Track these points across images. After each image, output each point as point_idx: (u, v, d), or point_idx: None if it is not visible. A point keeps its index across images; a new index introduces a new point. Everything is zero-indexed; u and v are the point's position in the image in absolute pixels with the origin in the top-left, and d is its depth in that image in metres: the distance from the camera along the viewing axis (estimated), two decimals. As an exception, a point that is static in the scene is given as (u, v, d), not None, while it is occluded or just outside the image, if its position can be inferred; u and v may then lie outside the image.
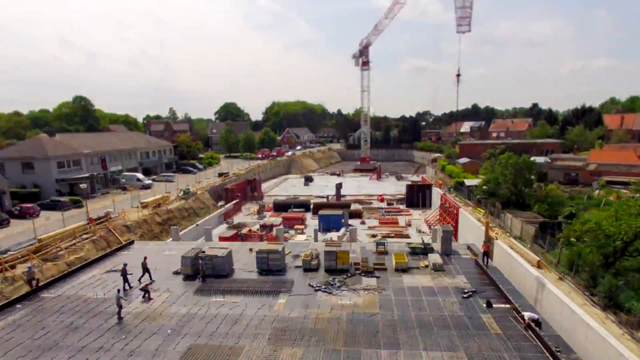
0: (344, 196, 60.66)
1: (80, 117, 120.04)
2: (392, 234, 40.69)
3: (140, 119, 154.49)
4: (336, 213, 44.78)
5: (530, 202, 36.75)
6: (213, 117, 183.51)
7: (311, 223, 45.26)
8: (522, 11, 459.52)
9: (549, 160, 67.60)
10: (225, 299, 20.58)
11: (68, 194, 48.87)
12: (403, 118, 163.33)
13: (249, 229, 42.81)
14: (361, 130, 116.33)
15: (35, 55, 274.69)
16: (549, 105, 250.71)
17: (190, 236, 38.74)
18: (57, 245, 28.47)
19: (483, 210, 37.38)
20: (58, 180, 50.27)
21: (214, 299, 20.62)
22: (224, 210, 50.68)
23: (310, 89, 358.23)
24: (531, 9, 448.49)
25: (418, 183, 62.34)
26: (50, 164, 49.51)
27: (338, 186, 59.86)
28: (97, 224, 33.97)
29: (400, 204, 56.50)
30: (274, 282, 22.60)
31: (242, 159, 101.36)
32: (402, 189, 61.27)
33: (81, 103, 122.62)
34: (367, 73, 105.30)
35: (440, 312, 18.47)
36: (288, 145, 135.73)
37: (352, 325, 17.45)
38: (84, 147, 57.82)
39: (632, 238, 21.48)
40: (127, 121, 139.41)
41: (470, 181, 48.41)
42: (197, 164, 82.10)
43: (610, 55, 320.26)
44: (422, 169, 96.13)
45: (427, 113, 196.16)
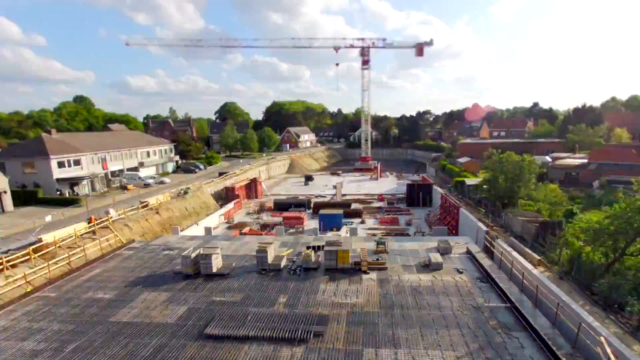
0: (344, 195, 60.70)
1: (80, 117, 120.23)
2: (393, 234, 40.67)
3: (140, 119, 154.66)
4: (336, 212, 44.78)
5: (530, 202, 36.81)
6: (213, 117, 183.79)
7: (311, 223, 45.26)
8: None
9: (550, 159, 67.60)
10: (224, 298, 20.60)
11: (68, 194, 48.95)
12: (403, 117, 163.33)
13: (250, 228, 42.87)
14: (361, 129, 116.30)
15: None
16: (549, 104, 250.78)
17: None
18: (58, 244, 28.50)
19: (483, 209, 37.42)
20: (58, 179, 50.37)
21: (214, 298, 20.64)
22: (225, 209, 50.70)
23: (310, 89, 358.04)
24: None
25: (418, 182, 62.34)
26: (50, 164, 49.58)
27: (338, 186, 59.88)
28: (98, 224, 33.98)
29: (400, 204, 56.54)
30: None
31: (242, 158, 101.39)
32: (403, 189, 61.30)
33: (81, 103, 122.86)
34: (368, 72, 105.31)
35: (440, 311, 18.48)
36: (288, 144, 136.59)
37: (352, 324, 17.46)
38: (85, 147, 57.91)
39: (633, 237, 21.52)
40: (128, 120, 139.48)
41: (470, 180, 48.50)
42: (197, 164, 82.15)
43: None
44: (423, 169, 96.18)
45: (427, 112, 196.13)
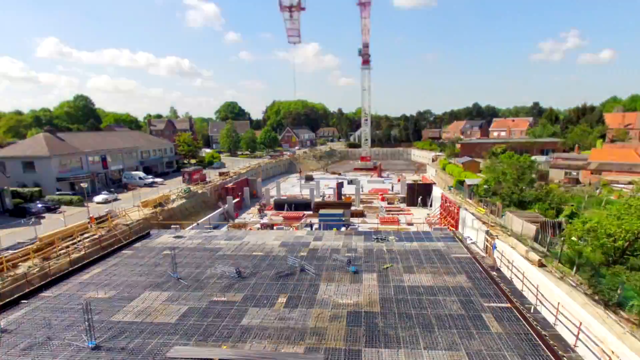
0: (345, 195, 60.61)
1: (81, 116, 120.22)
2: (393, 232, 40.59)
3: (140, 118, 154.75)
4: (337, 212, 44.74)
5: (531, 201, 36.77)
6: (214, 116, 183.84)
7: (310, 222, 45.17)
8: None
9: (550, 159, 67.56)
10: (226, 298, 20.61)
11: (69, 193, 48.91)
12: (404, 117, 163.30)
13: (250, 228, 42.87)
14: (362, 129, 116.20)
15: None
16: (550, 104, 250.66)
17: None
18: (58, 243, 28.51)
19: (484, 209, 37.39)
20: (59, 179, 50.38)
21: (215, 298, 20.65)
22: (225, 209, 50.67)
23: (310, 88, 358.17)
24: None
25: (419, 182, 62.29)
26: (51, 163, 49.59)
27: (339, 185, 59.80)
28: (98, 223, 34.00)
29: (400, 203, 56.50)
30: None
31: (243, 158, 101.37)
32: (403, 188, 61.18)
33: (82, 102, 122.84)
34: (368, 72, 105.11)
35: (440, 311, 18.48)
36: (288, 144, 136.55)
37: (353, 324, 17.47)
38: (85, 146, 57.91)
39: (634, 237, 21.50)
40: (128, 120, 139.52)
41: (471, 180, 48.43)
42: (197, 163, 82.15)
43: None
44: (423, 168, 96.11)
45: (428, 112, 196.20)
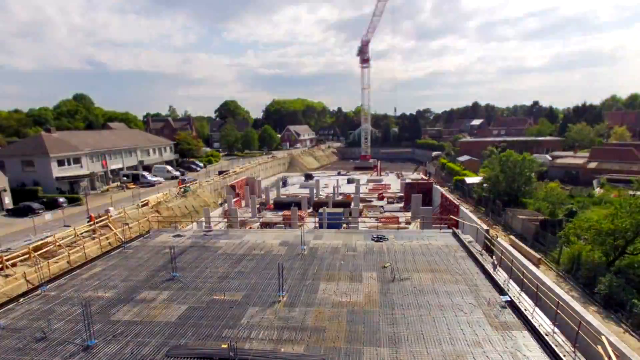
0: (344, 194, 60.66)
1: (80, 115, 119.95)
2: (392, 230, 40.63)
3: (140, 117, 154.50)
4: (336, 211, 44.72)
5: (530, 200, 36.79)
6: (213, 115, 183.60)
7: (310, 221, 45.18)
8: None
9: (550, 158, 67.58)
10: (225, 297, 20.59)
11: (68, 192, 48.88)
12: (403, 116, 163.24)
13: (249, 227, 42.87)
14: (361, 128, 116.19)
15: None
16: (550, 103, 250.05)
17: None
18: (58, 243, 28.50)
19: (484, 208, 37.41)
20: (58, 178, 50.31)
21: (215, 297, 20.63)
22: (224, 208, 50.67)
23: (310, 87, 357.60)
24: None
25: (418, 181, 62.28)
26: (50, 162, 49.53)
27: (338, 184, 59.86)
28: (98, 222, 34.00)
29: (400, 202, 56.50)
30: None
31: (242, 157, 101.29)
32: (402, 187, 61.22)
33: (81, 101, 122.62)
34: (367, 71, 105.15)
35: (440, 310, 18.49)
36: (288, 143, 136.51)
37: (353, 323, 17.47)
38: (84, 145, 57.82)
39: (633, 236, 21.52)
40: (127, 119, 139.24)
41: (470, 179, 48.47)
42: (197, 162, 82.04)
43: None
44: (423, 167, 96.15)
45: (428, 111, 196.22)
